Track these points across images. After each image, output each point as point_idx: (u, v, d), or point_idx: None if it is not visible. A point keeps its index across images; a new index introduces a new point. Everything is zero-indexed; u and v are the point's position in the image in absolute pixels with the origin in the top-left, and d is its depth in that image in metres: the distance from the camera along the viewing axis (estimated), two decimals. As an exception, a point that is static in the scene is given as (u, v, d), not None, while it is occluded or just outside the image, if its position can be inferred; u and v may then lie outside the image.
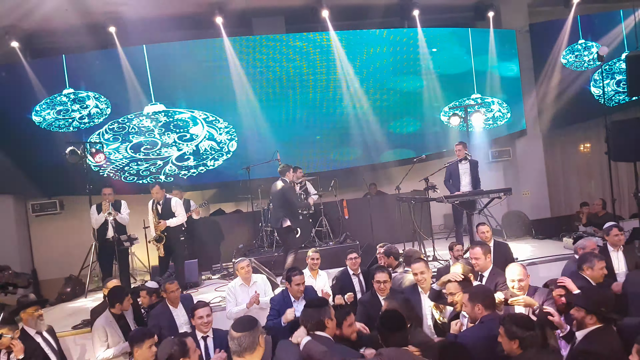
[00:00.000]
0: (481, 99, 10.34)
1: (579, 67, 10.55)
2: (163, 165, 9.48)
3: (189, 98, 9.47)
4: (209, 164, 9.61)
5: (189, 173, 9.53)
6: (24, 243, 9.29)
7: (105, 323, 4.42)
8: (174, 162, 9.49)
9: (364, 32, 9.94)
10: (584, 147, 11.53)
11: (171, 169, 9.49)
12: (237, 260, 5.30)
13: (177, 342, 3.24)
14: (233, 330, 2.64)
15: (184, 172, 9.53)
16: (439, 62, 10.17)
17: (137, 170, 9.39)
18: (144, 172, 9.43)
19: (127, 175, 9.36)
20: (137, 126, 9.34)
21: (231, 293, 5.19)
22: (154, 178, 9.28)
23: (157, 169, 9.44)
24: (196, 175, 9.55)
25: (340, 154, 10.01)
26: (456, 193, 7.23)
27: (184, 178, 9.47)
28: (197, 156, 9.57)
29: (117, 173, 9.33)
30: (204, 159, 9.57)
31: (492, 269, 4.48)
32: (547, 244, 7.80)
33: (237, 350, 2.60)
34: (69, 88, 9.10)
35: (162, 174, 9.43)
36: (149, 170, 9.43)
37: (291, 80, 9.69)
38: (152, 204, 6.58)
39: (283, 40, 9.56)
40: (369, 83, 9.98)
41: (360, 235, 8.20)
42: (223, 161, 9.63)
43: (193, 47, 9.41)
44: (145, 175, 9.42)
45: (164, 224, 6.46)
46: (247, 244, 8.36)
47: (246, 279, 5.22)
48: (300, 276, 4.65)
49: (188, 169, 9.54)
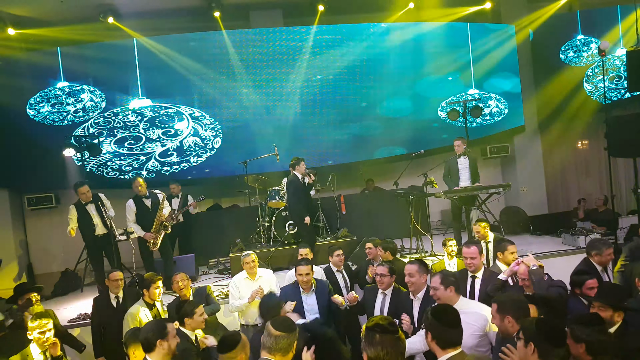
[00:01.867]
0: (479, 94, 10.31)
1: (578, 62, 10.51)
2: (146, 160, 9.40)
3: (178, 92, 9.38)
4: (192, 160, 9.53)
5: (171, 169, 9.44)
6: (19, 237, 9.22)
7: None
8: (157, 157, 9.42)
9: (360, 25, 9.88)
10: (582, 143, 11.52)
11: (153, 164, 9.41)
12: (244, 255, 5.21)
13: (157, 325, 3.13)
14: (272, 327, 2.64)
15: (167, 168, 9.44)
16: (437, 57, 10.12)
17: (119, 165, 9.31)
18: (126, 168, 9.35)
19: (109, 170, 9.28)
20: (122, 121, 9.26)
21: (235, 286, 5.14)
22: (135, 174, 9.18)
23: (139, 164, 9.36)
24: (178, 171, 9.45)
25: (337, 149, 9.96)
26: (455, 188, 7.21)
27: (166, 174, 9.37)
28: (180, 152, 9.48)
29: (99, 168, 9.25)
30: (187, 155, 9.50)
31: (485, 269, 4.42)
32: (545, 240, 7.79)
33: (270, 347, 2.61)
34: (63, 81, 9.01)
35: (144, 170, 9.35)
36: (131, 165, 9.35)
37: (287, 72, 9.60)
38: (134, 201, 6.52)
39: (281, 33, 9.49)
40: (366, 77, 9.93)
41: (357, 231, 8.17)
42: (210, 157, 9.53)
43: (188, 40, 9.32)
44: (127, 170, 9.34)
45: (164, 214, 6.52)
46: (244, 239, 8.32)
47: (251, 273, 5.16)
48: (306, 267, 4.55)
49: (170, 165, 9.46)
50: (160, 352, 3.00)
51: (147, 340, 3.01)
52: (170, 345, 3.03)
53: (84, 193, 6.52)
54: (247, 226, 8.52)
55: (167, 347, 3.01)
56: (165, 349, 3.00)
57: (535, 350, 2.43)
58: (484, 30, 10.29)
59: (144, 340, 3.03)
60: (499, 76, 10.44)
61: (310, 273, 4.57)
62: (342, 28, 9.74)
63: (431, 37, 10.05)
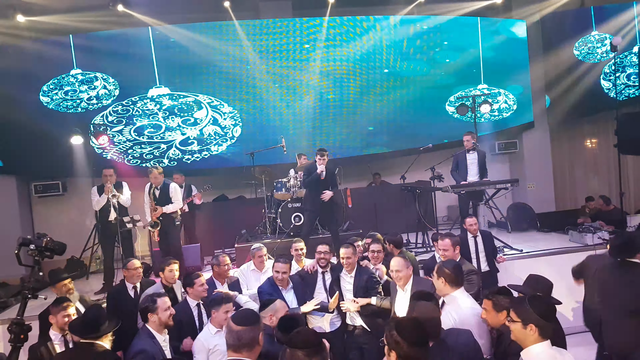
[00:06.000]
0: (488, 89, 10.22)
1: (592, 59, 10.38)
2: (167, 149, 9.42)
3: (195, 81, 9.37)
4: (212, 149, 9.54)
5: (192, 158, 9.46)
6: (26, 223, 9.27)
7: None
8: (177, 146, 9.43)
9: (370, 18, 9.80)
10: (591, 141, 11.41)
11: (175, 153, 9.43)
12: (255, 247, 5.21)
13: (147, 300, 3.49)
14: (233, 323, 2.47)
15: (188, 156, 9.47)
16: (447, 51, 10.05)
17: (140, 153, 9.34)
18: (147, 156, 9.38)
19: (130, 158, 9.32)
20: (141, 109, 9.27)
21: (242, 275, 5.19)
22: (157, 162, 9.23)
23: (160, 152, 9.39)
24: (200, 160, 9.48)
25: (344, 142, 9.92)
26: (462, 183, 7.17)
27: (188, 162, 9.41)
28: (201, 141, 9.50)
29: (120, 155, 9.27)
30: (207, 143, 9.50)
31: (459, 260, 4.46)
32: (552, 237, 7.73)
33: (234, 345, 2.42)
34: (76, 68, 9.02)
35: (165, 158, 9.37)
36: (152, 153, 9.37)
37: (297, 65, 9.58)
38: (149, 188, 6.49)
39: (290, 24, 9.45)
40: (375, 70, 9.88)
41: (363, 225, 8.15)
42: (227, 147, 9.56)
43: (200, 29, 9.29)
44: (148, 158, 9.37)
45: (160, 210, 6.38)
46: (250, 230, 8.33)
47: (260, 266, 5.18)
48: (284, 265, 4.44)
49: (192, 153, 9.48)
50: (153, 324, 3.45)
51: (141, 312, 3.53)
52: (161, 318, 3.45)
53: (106, 176, 6.58)
54: (253, 217, 8.53)
55: (158, 319, 3.45)
56: (156, 321, 3.45)
57: (536, 330, 2.46)
58: (494, 24, 10.18)
59: (140, 312, 3.52)
60: (508, 72, 10.34)
61: (287, 272, 4.49)
62: (353, 21, 9.66)
63: (442, 31, 9.96)
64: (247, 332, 2.42)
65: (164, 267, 4.66)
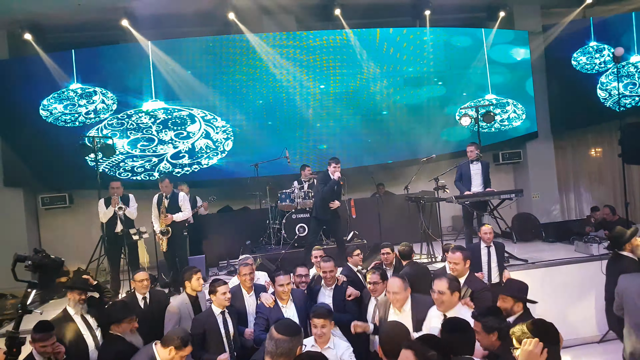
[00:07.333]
0: (496, 99, 10.26)
1: (591, 69, 10.42)
2: (158, 162, 9.47)
3: (191, 95, 9.42)
4: (202, 163, 9.57)
5: (182, 171, 9.50)
6: (33, 235, 9.34)
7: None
8: (168, 159, 9.48)
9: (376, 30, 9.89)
10: (595, 151, 11.41)
11: (165, 166, 9.48)
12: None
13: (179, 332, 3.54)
14: (275, 331, 2.52)
15: (178, 169, 9.51)
16: (451, 63, 10.11)
17: (132, 166, 9.39)
18: (138, 169, 9.42)
19: (121, 171, 9.37)
20: (135, 122, 9.35)
21: None
22: (147, 175, 9.29)
23: (151, 166, 9.44)
24: (190, 173, 9.51)
25: (349, 153, 9.95)
26: (466, 193, 7.17)
27: (177, 176, 9.43)
28: (192, 154, 9.54)
29: (112, 169, 9.33)
30: (198, 157, 9.55)
31: (468, 275, 4.41)
32: (557, 247, 7.70)
33: (271, 352, 2.48)
34: (76, 82, 9.14)
35: (156, 171, 9.41)
36: (143, 167, 9.42)
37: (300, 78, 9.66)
38: (157, 198, 6.62)
39: (295, 38, 9.56)
40: (380, 82, 9.94)
41: (367, 235, 8.16)
42: (222, 159, 9.58)
43: (202, 43, 9.42)
44: (139, 172, 9.41)
45: (170, 217, 6.51)
46: (254, 241, 8.35)
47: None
48: (285, 277, 4.29)
49: (182, 167, 9.52)
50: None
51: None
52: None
53: (113, 188, 6.72)
54: (257, 228, 8.56)
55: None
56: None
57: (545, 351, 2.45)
58: (498, 35, 10.23)
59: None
60: (512, 82, 10.39)
61: (290, 282, 4.34)
62: (355, 33, 9.74)
63: (447, 42, 10.04)
64: (286, 342, 2.46)
65: (192, 276, 4.64)
